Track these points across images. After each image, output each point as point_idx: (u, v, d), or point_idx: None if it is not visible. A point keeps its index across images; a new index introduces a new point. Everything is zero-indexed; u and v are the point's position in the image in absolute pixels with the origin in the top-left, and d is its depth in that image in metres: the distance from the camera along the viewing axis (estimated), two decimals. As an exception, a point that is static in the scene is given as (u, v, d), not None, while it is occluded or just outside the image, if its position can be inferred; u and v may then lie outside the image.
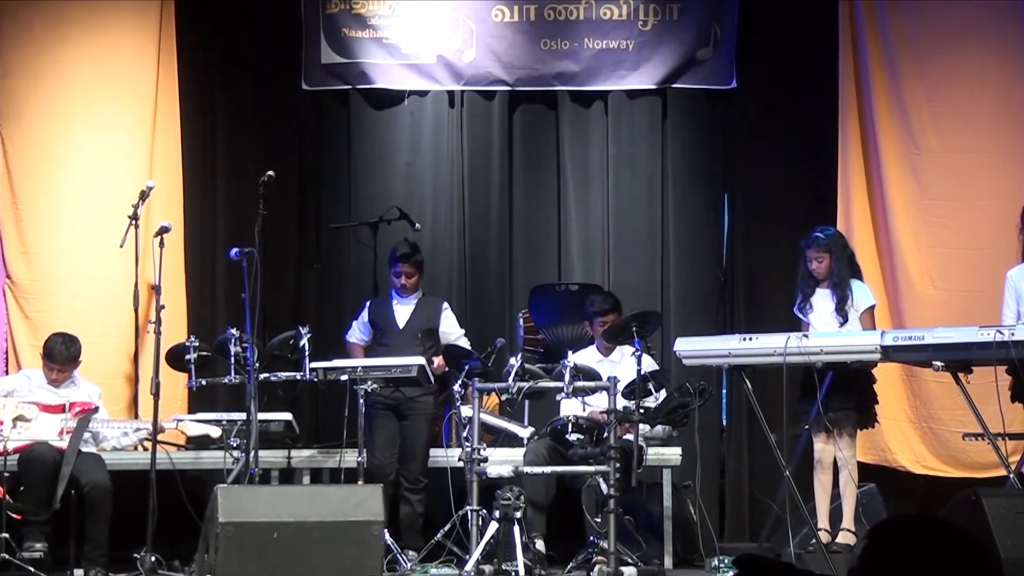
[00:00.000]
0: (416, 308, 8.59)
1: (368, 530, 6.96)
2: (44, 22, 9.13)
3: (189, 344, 8.18)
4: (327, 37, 9.47)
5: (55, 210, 9.11)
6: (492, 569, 7.64)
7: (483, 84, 9.54)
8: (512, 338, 9.05)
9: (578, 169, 9.63)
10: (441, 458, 8.40)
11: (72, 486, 7.57)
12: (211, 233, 9.47)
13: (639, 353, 7.74)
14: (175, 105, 9.29)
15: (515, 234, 9.63)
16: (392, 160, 9.62)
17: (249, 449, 7.64)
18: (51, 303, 9.02)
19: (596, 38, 9.52)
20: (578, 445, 7.87)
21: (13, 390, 7.97)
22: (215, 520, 6.86)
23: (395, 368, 8.14)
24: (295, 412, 8.82)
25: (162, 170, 9.16)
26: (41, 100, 9.12)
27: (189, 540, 7.68)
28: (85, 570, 7.60)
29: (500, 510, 7.53)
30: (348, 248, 9.52)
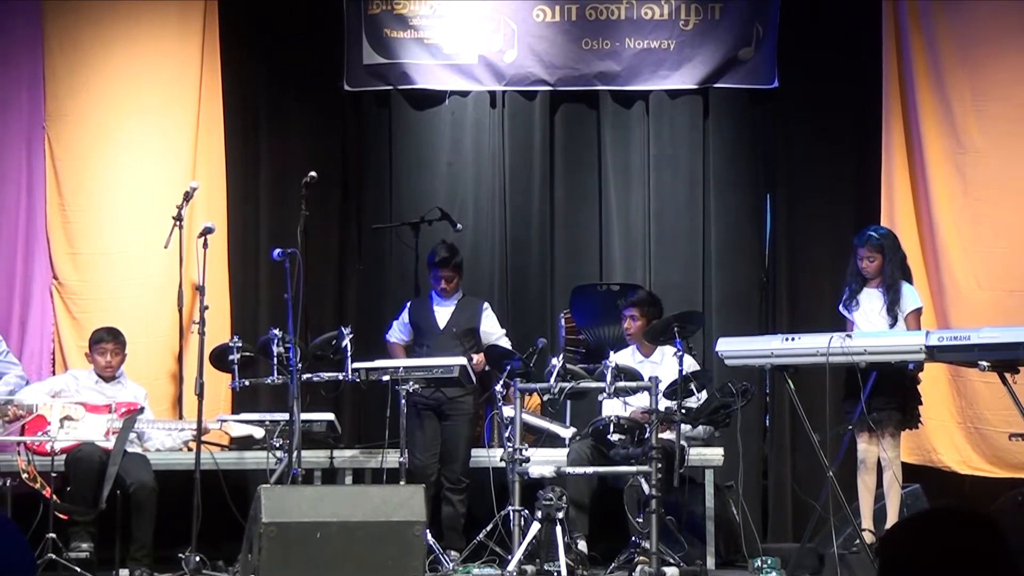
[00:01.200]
0: (457, 309, 8.60)
1: (410, 530, 6.98)
2: (90, 25, 9.19)
3: (232, 344, 8.22)
4: (369, 38, 9.50)
5: (101, 211, 9.17)
6: (534, 569, 7.64)
7: (524, 84, 9.55)
8: (553, 338, 9.04)
9: (619, 169, 9.62)
10: (483, 458, 8.40)
11: (118, 486, 7.60)
12: (254, 234, 9.51)
13: (681, 353, 7.72)
14: (219, 106, 9.34)
15: (556, 234, 9.63)
16: (433, 160, 9.63)
17: (292, 449, 7.67)
18: (97, 304, 9.08)
19: (637, 38, 9.50)
20: (620, 445, 7.86)
21: (60, 390, 8.03)
22: (258, 520, 6.89)
23: (437, 368, 8.15)
24: (337, 412, 8.84)
25: (205, 171, 9.21)
26: (87, 102, 9.18)
27: (232, 540, 7.72)
28: (130, 570, 7.63)
29: (542, 510, 7.53)
30: (390, 249, 9.53)
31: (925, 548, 2.67)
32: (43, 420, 7.77)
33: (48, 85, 9.14)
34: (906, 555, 2.69)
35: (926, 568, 2.66)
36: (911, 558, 2.68)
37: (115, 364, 8.18)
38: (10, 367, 8.21)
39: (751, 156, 9.64)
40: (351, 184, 9.68)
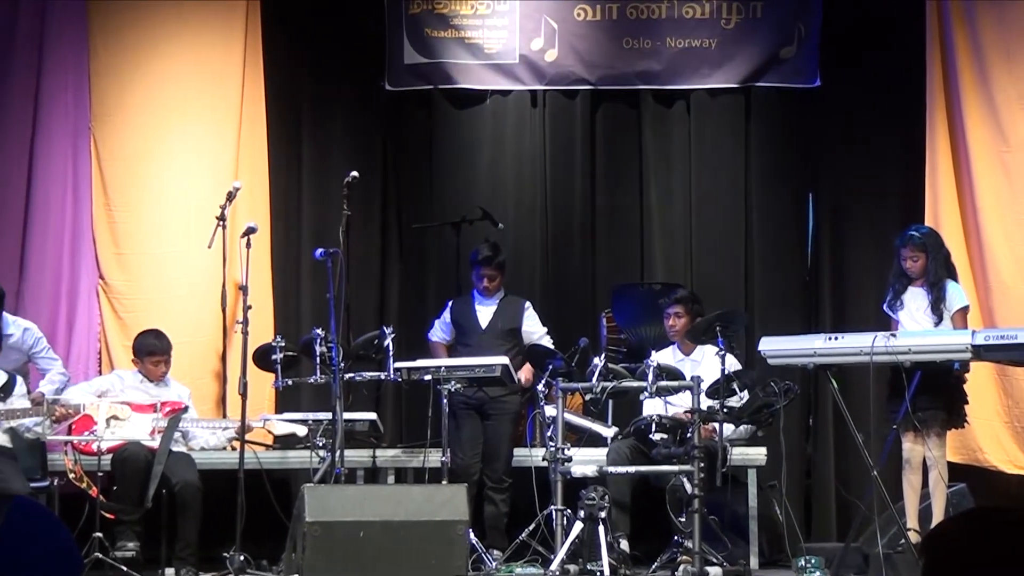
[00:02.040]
0: (499, 308, 8.61)
1: (453, 529, 7.00)
2: (133, 27, 9.25)
3: (275, 344, 8.26)
4: (410, 38, 9.52)
5: (146, 211, 9.23)
6: (577, 569, 7.65)
7: (565, 83, 9.55)
8: (595, 338, 9.03)
9: (660, 168, 9.60)
10: (525, 458, 8.41)
11: (163, 485, 7.64)
12: (296, 233, 9.54)
13: (723, 352, 7.71)
14: (261, 107, 9.38)
15: (598, 233, 9.62)
16: (475, 160, 9.64)
17: (335, 449, 7.69)
18: (143, 304, 9.14)
19: (678, 37, 9.49)
20: (662, 445, 7.85)
21: (107, 390, 8.08)
22: (302, 519, 6.92)
23: (479, 368, 8.16)
24: (379, 412, 8.87)
25: (248, 171, 9.25)
26: (131, 103, 9.24)
27: (276, 539, 7.75)
28: (176, 569, 7.67)
29: (584, 510, 7.53)
30: (431, 248, 9.55)
31: (971, 547, 2.66)
32: (90, 420, 7.81)
33: (93, 86, 9.21)
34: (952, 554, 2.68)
35: (971, 568, 2.65)
36: (957, 557, 2.67)
37: (166, 370, 8.21)
38: (51, 363, 8.26)
39: (793, 155, 9.60)
40: (392, 184, 9.69)
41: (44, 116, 9.12)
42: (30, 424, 7.72)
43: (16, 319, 8.27)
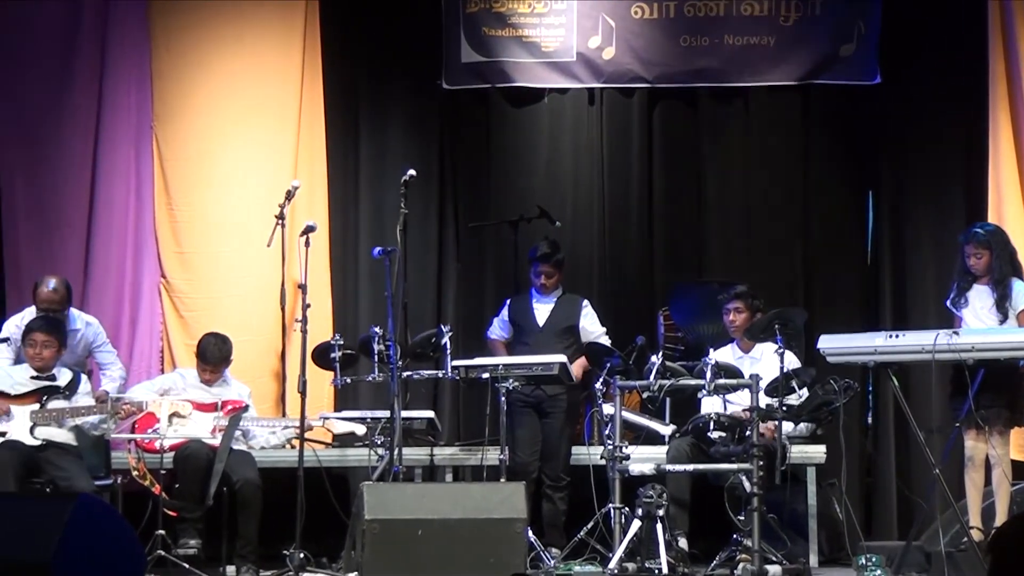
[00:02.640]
0: (556, 306, 8.61)
1: (511, 527, 7.02)
2: (194, 27, 9.33)
3: (334, 343, 8.31)
4: (467, 36, 9.53)
5: (207, 211, 9.30)
6: (635, 567, 7.63)
7: (623, 81, 9.53)
8: (652, 336, 9.02)
9: (718, 166, 9.58)
10: (583, 456, 8.41)
11: (224, 483, 7.69)
12: (354, 232, 9.58)
13: (782, 350, 7.67)
14: (319, 106, 9.43)
15: (655, 231, 9.60)
16: (532, 158, 9.65)
17: (393, 447, 7.72)
18: (204, 303, 9.21)
19: (736, 34, 9.45)
20: (720, 443, 7.84)
21: (169, 388, 8.14)
22: (361, 517, 6.96)
23: (536, 366, 8.17)
24: (437, 410, 8.89)
25: (307, 170, 9.31)
26: (192, 103, 9.32)
27: (335, 536, 7.79)
28: (237, 567, 7.70)
29: (643, 508, 7.53)
30: (489, 246, 9.57)
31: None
32: (152, 417, 7.88)
33: (155, 87, 9.29)
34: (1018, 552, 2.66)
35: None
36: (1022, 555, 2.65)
37: (214, 380, 8.23)
38: (111, 358, 8.34)
39: (853, 152, 9.55)
40: (450, 182, 9.71)
41: (107, 117, 9.22)
42: (95, 421, 7.79)
43: (80, 314, 8.38)
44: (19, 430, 7.62)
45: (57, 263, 9.10)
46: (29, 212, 9.16)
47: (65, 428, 7.74)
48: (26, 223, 9.15)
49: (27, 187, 9.17)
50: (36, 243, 9.15)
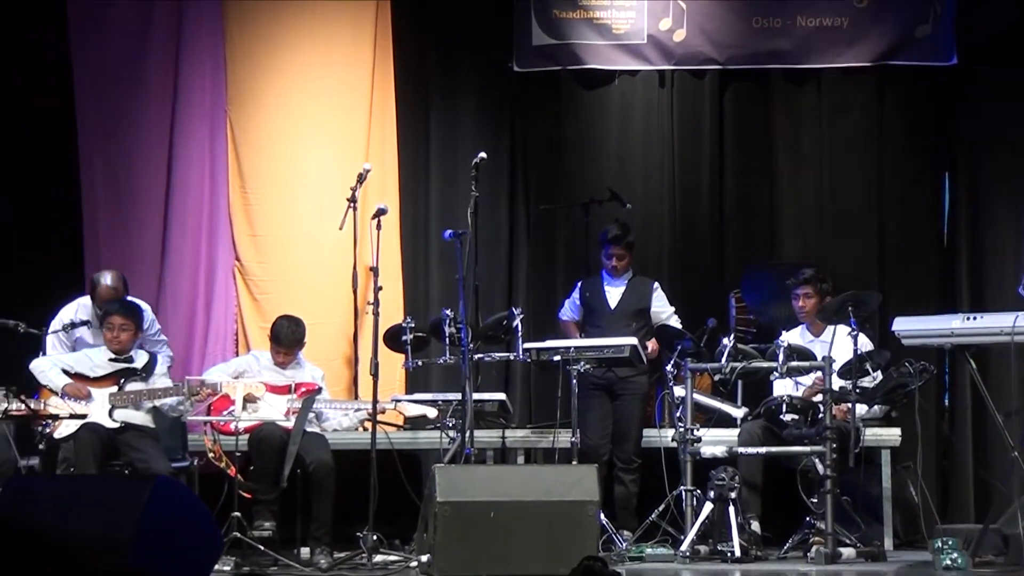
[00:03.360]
0: (627, 289, 8.60)
1: (583, 510, 7.02)
2: (267, 10, 9.39)
3: (405, 325, 8.34)
4: (538, 19, 9.52)
5: (280, 194, 9.36)
6: (707, 549, 7.64)
7: (694, 63, 9.50)
8: (724, 318, 8.98)
9: (791, 147, 9.52)
10: (654, 438, 8.39)
11: (298, 465, 7.71)
12: (425, 215, 9.61)
13: (855, 333, 7.62)
14: (391, 89, 9.46)
15: (726, 213, 9.57)
16: (602, 140, 9.63)
17: (464, 429, 7.74)
18: (277, 286, 9.28)
19: (810, 15, 9.40)
20: (793, 425, 7.81)
21: (244, 371, 8.20)
22: (433, 499, 6.98)
23: (608, 348, 8.15)
24: (508, 392, 8.90)
25: (378, 153, 9.34)
26: (265, 87, 9.38)
27: (408, 518, 7.81)
28: (311, 548, 7.73)
29: (715, 490, 7.54)
30: (559, 228, 9.56)
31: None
32: (227, 399, 7.94)
33: (229, 72, 9.36)
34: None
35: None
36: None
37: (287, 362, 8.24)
38: (161, 346, 8.38)
39: (928, 134, 9.46)
40: (520, 165, 9.71)
41: (183, 103, 9.30)
42: (172, 403, 7.87)
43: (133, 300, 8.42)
44: (99, 412, 7.70)
45: (134, 249, 9.22)
46: (108, 200, 9.27)
47: (143, 410, 7.82)
48: (105, 211, 9.26)
49: (106, 176, 9.28)
50: (115, 229, 9.26)
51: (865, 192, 9.46)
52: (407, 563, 7.49)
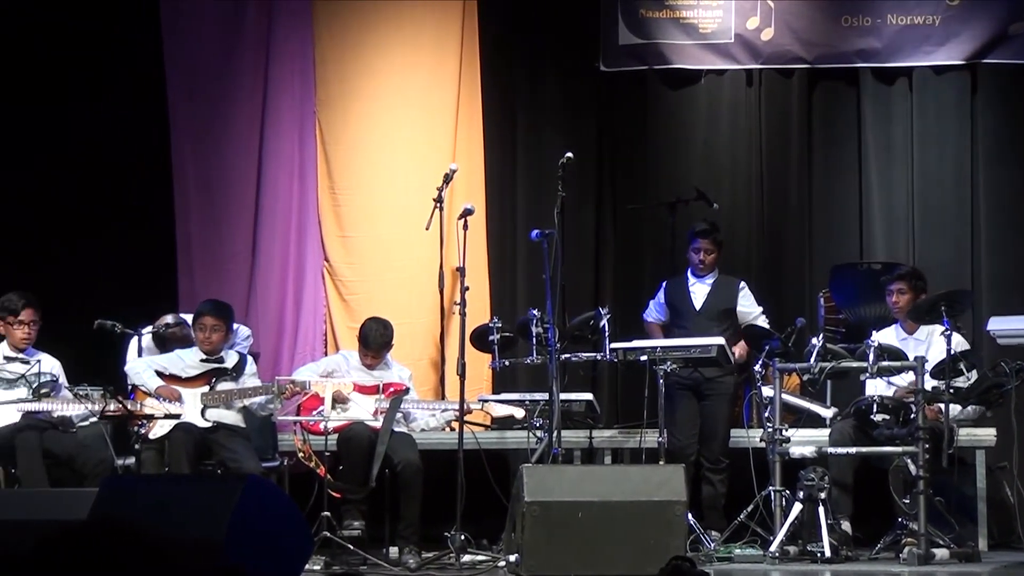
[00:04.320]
0: (713, 288, 8.56)
1: (671, 510, 7.00)
2: (356, 13, 9.44)
3: (492, 325, 8.36)
4: (625, 18, 9.51)
5: (368, 195, 9.42)
6: (797, 550, 7.59)
7: (781, 62, 9.45)
8: (812, 318, 8.92)
9: (881, 146, 9.44)
10: (742, 438, 8.35)
11: (386, 465, 7.74)
12: (511, 215, 9.63)
13: (949, 332, 7.54)
14: (477, 89, 9.49)
15: (814, 213, 9.51)
16: (689, 140, 9.61)
17: (552, 429, 7.74)
18: (365, 286, 9.34)
19: (899, 14, 9.31)
20: (884, 425, 7.73)
21: (333, 371, 8.25)
22: (521, 499, 6.99)
23: (695, 348, 8.12)
24: (595, 392, 8.89)
25: (465, 153, 9.37)
26: (354, 87, 9.44)
27: (495, 518, 7.82)
28: (399, 548, 7.76)
29: (804, 491, 7.49)
30: (646, 228, 9.54)
31: None
32: (317, 399, 7.99)
33: (318, 72, 9.43)
34: None
35: None
36: None
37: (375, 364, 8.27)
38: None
39: (1022, 133, 9.31)
40: (607, 164, 9.70)
41: (272, 104, 9.38)
42: (261, 402, 7.95)
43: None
44: (191, 412, 7.79)
45: (225, 250, 9.33)
46: (200, 201, 9.36)
47: (234, 410, 7.91)
48: (197, 211, 9.36)
49: (198, 177, 9.38)
50: (206, 230, 9.36)
51: (957, 191, 9.35)
52: (495, 563, 7.50)
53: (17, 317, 7.90)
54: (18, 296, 7.94)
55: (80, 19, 9.33)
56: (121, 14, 9.37)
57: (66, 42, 9.37)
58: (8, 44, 9.36)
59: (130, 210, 9.37)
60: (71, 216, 9.31)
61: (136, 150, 9.42)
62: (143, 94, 9.38)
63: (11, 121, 9.32)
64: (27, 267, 9.04)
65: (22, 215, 9.31)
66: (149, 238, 9.39)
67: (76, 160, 9.34)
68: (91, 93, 9.38)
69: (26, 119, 9.33)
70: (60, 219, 9.32)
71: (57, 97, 9.37)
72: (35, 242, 9.30)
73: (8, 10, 9.28)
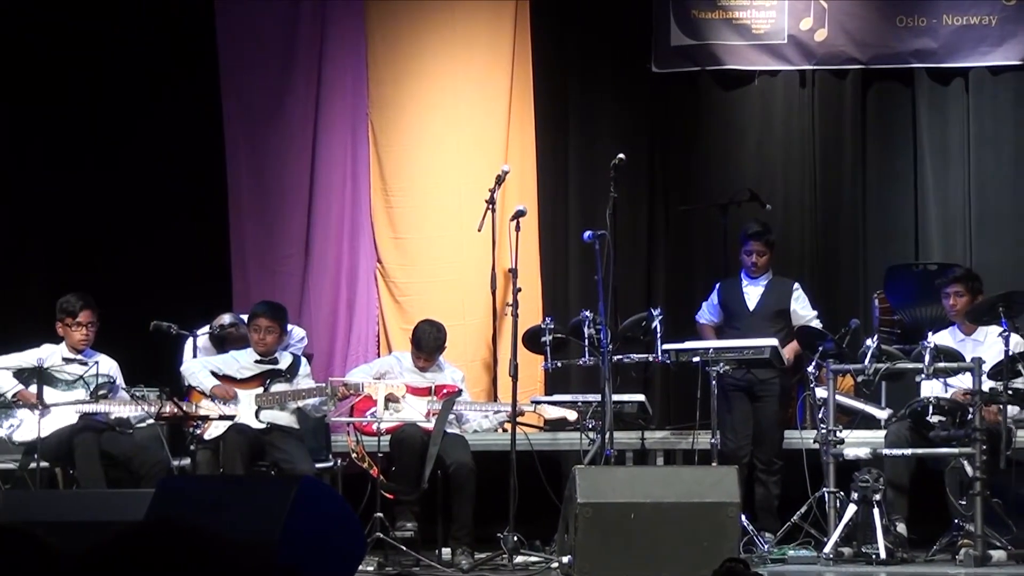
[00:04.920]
0: (767, 289, 8.52)
1: (724, 512, 6.98)
2: (409, 15, 9.48)
3: (544, 326, 8.35)
4: (677, 19, 9.49)
5: (421, 197, 9.45)
6: (851, 552, 7.55)
7: (835, 63, 9.43)
8: (867, 319, 8.87)
9: (936, 147, 9.39)
10: (795, 440, 8.32)
11: (438, 467, 7.75)
12: (563, 216, 9.63)
13: (1007, 333, 7.50)
14: (529, 91, 9.50)
15: (868, 214, 9.48)
16: (742, 141, 9.59)
17: (604, 430, 7.74)
18: (418, 288, 9.37)
19: (955, 14, 9.27)
20: (940, 427, 7.68)
21: (386, 372, 8.28)
22: (574, 501, 6.99)
23: (748, 350, 8.10)
24: (647, 393, 8.88)
25: (517, 154, 9.38)
26: (406, 89, 9.47)
27: (548, 519, 7.82)
28: (452, 549, 7.77)
29: (859, 492, 7.45)
30: (698, 229, 9.52)
31: None
32: (370, 401, 8.02)
33: (371, 73, 9.47)
34: None
35: None
36: None
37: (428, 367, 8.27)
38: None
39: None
40: (659, 165, 9.70)
41: (325, 106, 9.43)
42: (315, 403, 7.99)
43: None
44: (246, 414, 7.83)
45: (278, 252, 9.38)
46: (253, 203, 9.42)
47: (288, 411, 7.95)
48: (251, 214, 9.41)
49: (251, 178, 9.43)
50: (260, 232, 9.42)
51: (1013, 192, 9.29)
52: (548, 564, 7.50)
53: (75, 319, 7.96)
54: (76, 298, 8.01)
55: (136, 23, 9.40)
56: (176, 18, 9.44)
57: (123, 47, 9.44)
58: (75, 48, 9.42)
59: (185, 212, 9.44)
60: (128, 219, 9.39)
61: (191, 152, 9.49)
62: (197, 96, 9.45)
63: (70, 124, 9.41)
64: (85, 269, 9.13)
65: (80, 218, 9.40)
66: (204, 240, 9.46)
67: (132, 163, 9.42)
68: (146, 96, 9.46)
69: (83, 122, 9.42)
70: (117, 222, 9.40)
71: (112, 101, 9.46)
72: (92, 244, 9.38)
73: (70, 15, 9.36)
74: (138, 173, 9.41)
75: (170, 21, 9.44)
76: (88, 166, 9.44)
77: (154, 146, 9.40)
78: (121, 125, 9.44)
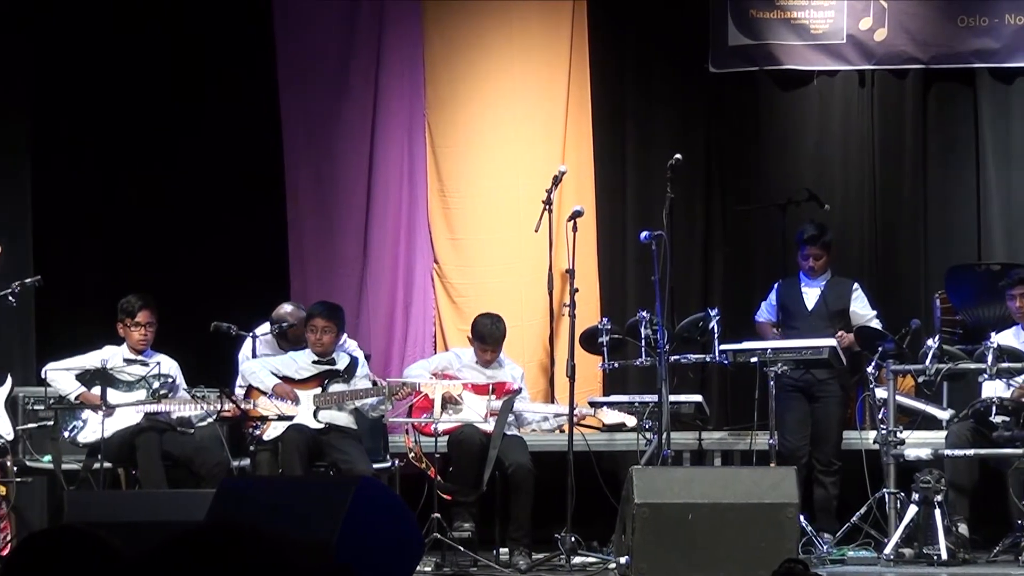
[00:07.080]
0: (825, 289, 8.49)
1: (783, 512, 6.97)
2: (466, 15, 9.50)
3: (602, 327, 8.34)
4: (734, 19, 9.46)
5: (477, 197, 9.46)
6: (912, 553, 7.50)
7: (895, 63, 9.36)
8: (928, 319, 8.81)
9: (999, 147, 9.32)
10: (854, 440, 8.27)
11: (497, 468, 7.76)
12: (621, 216, 9.62)
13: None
14: (586, 91, 9.49)
15: (930, 214, 9.42)
16: (800, 141, 9.55)
17: (661, 431, 7.73)
18: (475, 288, 9.38)
19: (1017, 13, 9.21)
20: (1003, 427, 7.62)
21: (445, 367, 8.29)
22: (631, 501, 6.99)
23: (806, 350, 8.07)
24: (705, 394, 8.85)
25: (574, 155, 9.37)
26: (463, 89, 9.48)
27: (606, 520, 7.83)
28: (510, 550, 7.78)
29: (920, 493, 7.42)
30: (756, 230, 9.48)
31: None
32: (428, 400, 8.03)
33: (427, 74, 9.49)
34: None
35: None
36: None
37: (493, 359, 8.31)
38: None
39: None
40: (716, 166, 9.67)
41: (382, 107, 9.45)
42: (373, 403, 8.02)
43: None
44: (304, 414, 7.87)
45: (336, 252, 9.43)
46: (312, 203, 9.46)
47: (346, 411, 7.99)
48: (309, 214, 9.45)
49: (310, 177, 9.47)
50: (318, 232, 9.46)
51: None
52: (605, 565, 7.51)
53: (134, 319, 8.04)
54: (136, 298, 8.08)
55: (193, 22, 9.47)
56: (234, 17, 9.50)
57: (180, 45, 9.52)
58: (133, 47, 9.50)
59: (244, 213, 9.50)
60: (187, 220, 9.46)
61: (249, 153, 9.54)
62: (256, 98, 9.49)
63: (127, 125, 9.48)
64: (144, 270, 9.19)
65: (139, 219, 9.47)
66: (262, 241, 9.51)
67: (191, 164, 9.49)
68: (205, 96, 9.53)
69: (140, 123, 9.48)
70: (176, 223, 9.46)
71: (171, 101, 9.52)
72: (152, 245, 9.45)
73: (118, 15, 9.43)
74: (197, 174, 9.46)
75: (226, 20, 9.49)
76: (148, 167, 9.51)
77: (213, 147, 9.45)
78: (181, 126, 9.50)
